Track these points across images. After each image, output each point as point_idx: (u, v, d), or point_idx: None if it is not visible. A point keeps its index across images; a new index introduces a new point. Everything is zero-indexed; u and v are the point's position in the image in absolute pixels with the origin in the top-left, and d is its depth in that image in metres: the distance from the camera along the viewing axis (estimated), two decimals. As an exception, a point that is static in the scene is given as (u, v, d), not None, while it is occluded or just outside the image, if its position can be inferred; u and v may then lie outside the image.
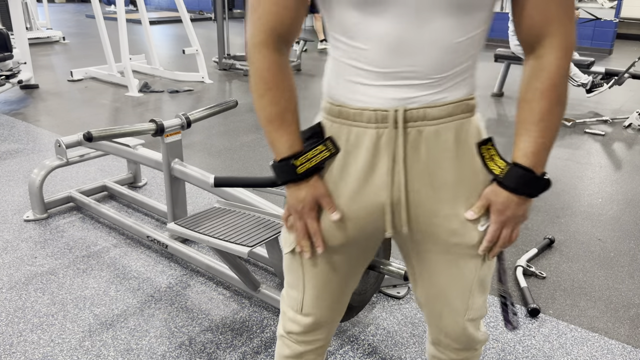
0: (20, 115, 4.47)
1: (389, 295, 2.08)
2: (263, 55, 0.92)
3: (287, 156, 0.96)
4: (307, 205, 0.99)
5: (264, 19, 0.90)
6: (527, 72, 0.92)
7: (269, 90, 0.94)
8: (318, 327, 1.16)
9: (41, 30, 8.31)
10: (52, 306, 2.01)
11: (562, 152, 3.78)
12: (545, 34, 0.88)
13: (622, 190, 3.14)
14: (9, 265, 2.27)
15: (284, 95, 0.94)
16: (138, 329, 1.89)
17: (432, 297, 1.10)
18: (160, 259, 2.34)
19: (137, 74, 6.06)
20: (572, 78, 4.76)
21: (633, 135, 4.21)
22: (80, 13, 12.80)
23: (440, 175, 0.94)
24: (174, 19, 11.44)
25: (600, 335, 1.90)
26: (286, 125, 0.96)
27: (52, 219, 2.68)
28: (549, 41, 0.89)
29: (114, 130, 2.18)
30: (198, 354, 1.78)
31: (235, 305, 2.03)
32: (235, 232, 1.82)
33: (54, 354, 1.77)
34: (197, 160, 3.52)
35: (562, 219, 2.76)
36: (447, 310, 1.08)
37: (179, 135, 2.38)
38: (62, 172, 3.24)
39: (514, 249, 2.45)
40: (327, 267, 1.07)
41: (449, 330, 1.10)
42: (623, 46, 8.65)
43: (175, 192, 2.44)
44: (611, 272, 2.29)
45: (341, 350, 1.80)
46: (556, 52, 0.88)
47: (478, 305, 1.07)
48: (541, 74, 0.89)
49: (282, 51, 0.93)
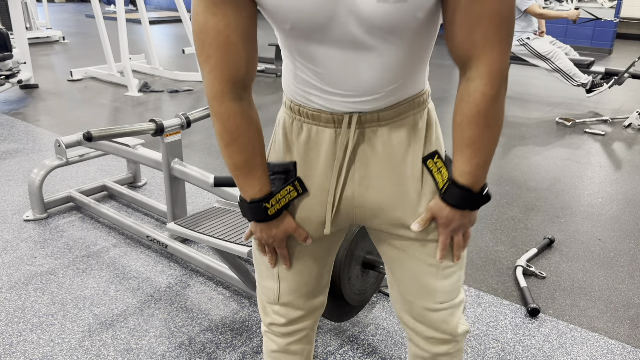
0: (20, 115, 4.47)
1: (389, 295, 2.08)
2: (225, 107, 0.93)
3: (257, 199, 0.99)
4: (277, 240, 1.04)
5: (217, 70, 0.89)
6: (459, 93, 0.91)
7: (234, 141, 0.96)
8: (298, 314, 1.16)
9: (41, 30, 8.31)
10: (52, 306, 2.01)
11: (562, 152, 3.78)
12: (472, 56, 0.86)
13: (622, 190, 3.14)
14: (9, 265, 2.27)
15: (250, 142, 0.96)
16: (138, 329, 1.89)
17: (400, 285, 1.12)
18: (160, 259, 2.34)
19: (137, 74, 6.06)
20: (572, 78, 4.76)
21: (633, 135, 4.21)
22: (80, 13, 12.80)
23: (398, 169, 0.99)
24: (174, 18, 11.44)
25: (601, 335, 1.90)
26: (255, 171, 0.98)
27: (52, 219, 2.68)
28: (475, 65, 0.86)
29: (114, 130, 2.18)
30: (198, 354, 1.78)
31: (235, 305, 2.03)
32: (235, 232, 1.82)
33: (54, 354, 1.77)
34: (197, 160, 3.52)
35: (562, 219, 2.76)
36: (415, 296, 1.08)
37: (179, 135, 2.38)
38: (62, 172, 3.24)
39: (514, 249, 2.46)
40: (299, 256, 1.10)
41: (423, 318, 1.09)
42: (623, 46, 8.65)
43: (175, 192, 2.44)
44: (611, 272, 2.29)
45: (341, 350, 1.80)
46: (482, 79, 0.86)
47: (447, 288, 1.06)
48: (468, 99, 0.88)
49: (242, 97, 0.93)
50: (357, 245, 1.65)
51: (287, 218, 1.03)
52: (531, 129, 4.29)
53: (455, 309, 1.09)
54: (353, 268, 1.66)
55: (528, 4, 4.63)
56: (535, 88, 5.65)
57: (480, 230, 2.63)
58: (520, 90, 5.55)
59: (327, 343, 1.83)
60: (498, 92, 0.87)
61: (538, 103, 5.09)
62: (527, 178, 3.29)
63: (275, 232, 1.03)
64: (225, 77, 0.90)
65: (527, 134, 4.16)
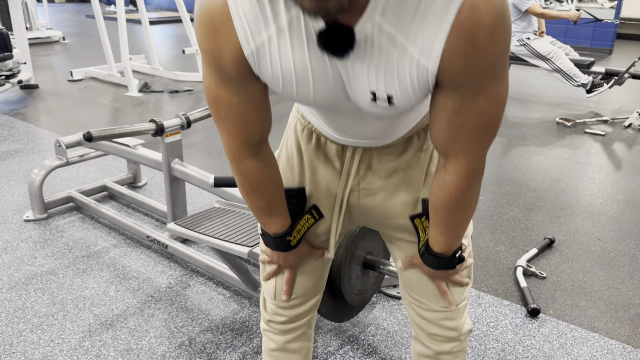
0: (20, 115, 4.47)
1: (389, 295, 2.08)
2: (244, 165, 0.96)
3: (280, 233, 1.05)
4: (292, 264, 1.11)
5: (234, 134, 0.92)
6: (436, 175, 0.95)
7: (255, 190, 1.00)
8: (297, 312, 1.19)
9: (41, 30, 8.30)
10: (52, 306, 2.01)
11: (562, 152, 3.78)
12: (451, 155, 0.89)
13: (622, 190, 3.14)
14: (9, 266, 2.27)
15: (269, 189, 1.01)
16: (138, 329, 1.89)
17: (411, 284, 1.14)
18: (160, 259, 2.34)
19: (137, 74, 6.05)
20: (572, 78, 4.76)
21: (633, 135, 4.21)
22: (80, 13, 12.80)
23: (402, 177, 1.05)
24: (174, 19, 11.44)
25: (601, 335, 1.90)
26: (275, 211, 1.03)
27: (52, 219, 2.68)
28: (452, 162, 0.89)
29: (113, 130, 2.18)
30: (198, 354, 1.77)
31: (235, 306, 2.03)
32: (235, 232, 1.82)
33: (54, 354, 1.77)
34: (197, 160, 3.52)
35: (562, 219, 2.76)
36: (425, 296, 1.11)
37: (178, 135, 2.38)
38: (62, 172, 3.24)
39: (514, 249, 2.45)
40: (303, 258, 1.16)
41: (430, 315, 1.12)
42: (623, 46, 8.65)
43: (175, 192, 2.44)
44: (611, 272, 2.29)
45: (341, 351, 1.80)
46: (457, 175, 0.89)
47: (457, 292, 1.10)
48: (444, 187, 0.92)
49: (259, 152, 0.97)
50: (357, 245, 1.65)
51: (304, 245, 1.10)
52: (531, 129, 4.29)
53: (461, 308, 1.12)
54: (353, 268, 1.66)
55: (528, 3, 4.62)
56: (535, 88, 5.65)
57: (480, 230, 2.63)
58: (520, 90, 5.55)
59: (327, 343, 1.83)
60: (472, 185, 0.91)
61: (538, 103, 5.09)
62: (527, 178, 3.29)
63: (293, 258, 1.10)
64: (242, 140, 0.93)
65: (527, 134, 4.15)
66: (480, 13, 0.70)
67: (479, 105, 0.80)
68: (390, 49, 0.75)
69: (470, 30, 0.71)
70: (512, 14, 4.74)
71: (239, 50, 0.79)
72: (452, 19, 0.70)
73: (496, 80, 0.78)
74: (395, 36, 0.74)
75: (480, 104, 0.79)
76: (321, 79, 0.81)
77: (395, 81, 0.78)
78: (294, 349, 1.21)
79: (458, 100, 0.79)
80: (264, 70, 0.81)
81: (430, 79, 0.77)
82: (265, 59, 0.80)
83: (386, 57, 0.75)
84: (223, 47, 0.80)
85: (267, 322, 1.21)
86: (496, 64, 0.76)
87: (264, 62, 0.80)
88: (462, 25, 0.71)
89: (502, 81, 0.79)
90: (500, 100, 0.81)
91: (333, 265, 1.59)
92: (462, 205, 0.93)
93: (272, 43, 0.78)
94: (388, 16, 0.72)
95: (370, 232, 1.69)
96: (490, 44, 0.73)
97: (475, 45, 0.72)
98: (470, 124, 0.82)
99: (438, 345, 1.13)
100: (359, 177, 1.05)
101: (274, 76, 0.81)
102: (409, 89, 0.78)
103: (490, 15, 0.70)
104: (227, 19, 0.77)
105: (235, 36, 0.78)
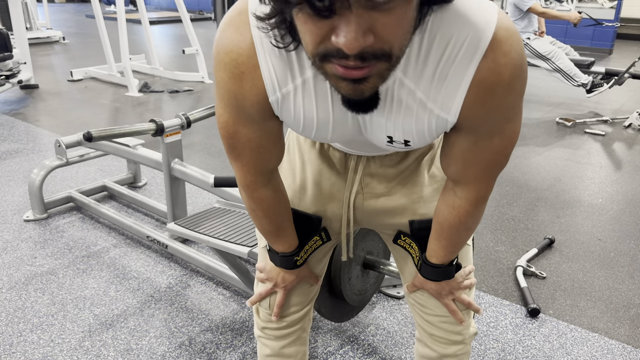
0: (20, 115, 4.47)
1: (389, 295, 2.08)
2: (257, 193, 0.98)
3: (288, 253, 1.07)
4: (290, 285, 1.12)
5: (250, 165, 0.93)
6: (445, 196, 0.97)
7: (266, 216, 1.02)
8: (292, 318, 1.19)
9: (41, 30, 8.30)
10: (52, 306, 2.01)
11: (563, 152, 3.78)
12: (461, 183, 0.91)
13: (623, 191, 3.14)
14: (9, 266, 2.27)
15: (279, 214, 1.02)
16: (138, 329, 1.89)
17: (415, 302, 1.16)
18: (160, 259, 2.34)
19: (137, 74, 6.05)
20: (572, 78, 4.75)
21: (633, 135, 4.21)
22: (80, 13, 12.80)
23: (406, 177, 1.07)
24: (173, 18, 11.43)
25: (601, 335, 1.90)
26: (284, 233, 1.05)
27: (52, 219, 2.68)
28: (463, 189, 0.92)
29: (113, 130, 2.18)
30: (198, 354, 1.77)
31: (235, 306, 2.03)
32: (235, 232, 1.82)
33: (54, 354, 1.76)
34: (197, 160, 3.52)
35: (562, 219, 2.76)
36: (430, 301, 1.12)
37: (179, 135, 2.38)
38: (62, 172, 3.24)
39: (514, 249, 2.45)
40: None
41: (436, 319, 1.12)
42: (623, 46, 8.65)
43: (175, 192, 2.44)
44: (611, 272, 2.29)
45: (341, 351, 1.80)
46: (467, 200, 0.92)
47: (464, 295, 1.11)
48: (453, 210, 0.94)
49: (272, 180, 0.99)
50: (357, 245, 1.64)
51: (305, 266, 1.12)
52: (531, 129, 4.29)
53: (466, 311, 1.12)
54: (353, 268, 1.66)
55: (529, 3, 4.62)
56: (535, 88, 5.65)
57: (480, 230, 2.63)
58: (520, 90, 5.54)
59: (327, 343, 1.83)
60: (480, 208, 0.95)
61: (538, 103, 5.09)
62: (527, 178, 3.29)
63: (294, 278, 1.11)
64: (257, 170, 0.94)
65: (527, 134, 4.15)
66: (500, 67, 0.71)
67: (492, 144, 0.82)
68: (410, 102, 0.76)
69: (489, 84, 0.72)
70: (512, 14, 4.74)
71: (263, 95, 0.80)
72: (471, 77, 0.72)
73: (511, 121, 0.81)
74: (416, 92, 0.75)
75: (494, 143, 0.82)
76: (341, 126, 0.83)
77: (414, 129, 0.79)
78: (289, 354, 1.20)
79: (473, 140, 0.81)
80: (286, 114, 0.82)
81: (448, 127, 0.80)
82: (289, 106, 0.81)
83: (405, 109, 0.77)
84: (248, 91, 0.80)
85: (261, 329, 1.20)
86: (513, 108, 0.78)
87: (286, 108, 0.81)
88: (481, 81, 0.72)
89: (516, 121, 0.82)
90: (513, 138, 0.83)
91: (333, 265, 1.59)
92: (469, 225, 0.97)
93: (297, 93, 0.79)
94: (409, 73, 0.73)
95: (370, 232, 1.69)
96: (508, 94, 0.75)
97: (493, 96, 0.74)
98: (483, 159, 0.84)
99: (443, 348, 1.13)
100: (362, 183, 1.07)
101: (295, 120, 0.83)
102: (426, 135, 0.81)
103: (509, 68, 0.72)
104: (254, 65, 0.77)
105: (261, 82, 0.78)
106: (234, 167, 0.95)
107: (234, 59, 0.77)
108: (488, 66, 0.71)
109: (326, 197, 1.08)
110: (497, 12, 0.71)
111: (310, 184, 1.08)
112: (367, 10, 0.57)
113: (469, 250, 1.13)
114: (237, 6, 0.77)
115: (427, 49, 0.71)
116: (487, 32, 0.69)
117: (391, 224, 1.10)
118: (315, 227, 1.09)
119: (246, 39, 0.75)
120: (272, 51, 0.75)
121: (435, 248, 1.01)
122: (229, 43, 0.77)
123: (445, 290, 1.06)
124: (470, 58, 0.70)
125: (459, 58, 0.70)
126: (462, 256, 1.10)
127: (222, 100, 0.84)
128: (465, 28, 0.69)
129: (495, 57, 0.70)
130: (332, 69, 0.64)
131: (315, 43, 0.62)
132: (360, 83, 0.64)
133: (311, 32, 0.61)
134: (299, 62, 0.76)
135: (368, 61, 0.61)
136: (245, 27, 0.75)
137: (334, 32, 0.59)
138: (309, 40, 0.62)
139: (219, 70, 0.80)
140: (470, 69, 0.71)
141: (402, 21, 0.60)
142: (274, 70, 0.76)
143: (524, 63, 0.74)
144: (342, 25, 0.58)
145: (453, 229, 0.96)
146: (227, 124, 0.87)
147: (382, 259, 1.75)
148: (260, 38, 0.75)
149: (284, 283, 1.11)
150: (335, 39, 0.59)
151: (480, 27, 0.69)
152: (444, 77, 0.72)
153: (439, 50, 0.71)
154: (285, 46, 0.71)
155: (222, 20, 0.79)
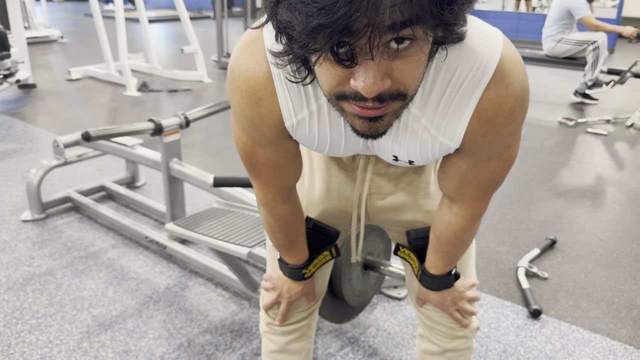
0: (18, 115, 4.45)
1: (390, 296, 2.07)
2: (277, 210, 1.00)
3: (298, 265, 1.10)
4: (294, 296, 1.14)
5: (270, 183, 0.95)
6: (441, 212, 1.00)
7: (280, 231, 1.04)
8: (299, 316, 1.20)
9: (39, 29, 8.27)
10: (50, 307, 1.99)
11: (564, 151, 3.77)
12: (457, 201, 0.94)
13: (625, 190, 3.12)
14: (7, 266, 2.25)
15: (295, 228, 1.05)
16: (136, 330, 1.87)
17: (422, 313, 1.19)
18: (159, 260, 2.32)
19: (135, 73, 6.03)
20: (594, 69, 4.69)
21: (635, 134, 4.20)
22: (78, 12, 12.78)
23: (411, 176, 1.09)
24: (172, 17, 11.41)
25: (603, 336, 1.88)
26: (296, 247, 1.08)
27: (50, 219, 2.66)
28: (459, 206, 0.95)
29: (112, 130, 2.16)
30: (197, 355, 1.76)
31: (235, 307, 2.01)
32: (234, 232, 1.80)
33: (52, 355, 1.75)
34: (196, 160, 3.50)
35: (564, 219, 2.75)
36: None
37: (177, 134, 2.36)
38: (60, 172, 3.22)
39: (516, 249, 2.44)
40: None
41: (439, 314, 1.15)
42: (625, 45, 8.64)
43: (174, 192, 2.42)
44: (613, 273, 2.27)
45: (341, 352, 1.78)
46: (463, 217, 0.95)
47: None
48: (449, 226, 0.98)
49: (290, 197, 1.01)
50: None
51: (311, 281, 1.15)
52: (533, 128, 4.28)
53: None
54: (353, 269, 1.65)
55: (584, 13, 4.49)
56: (537, 87, 5.63)
57: (482, 230, 2.61)
58: (521, 89, 5.54)
59: (327, 344, 1.82)
60: (476, 225, 0.98)
61: (540, 102, 5.08)
62: (529, 178, 3.27)
63: (300, 290, 1.13)
64: (276, 188, 0.97)
65: (528, 134, 4.14)
66: (501, 98, 0.73)
67: (490, 166, 0.84)
68: (415, 128, 0.79)
69: (491, 115, 0.74)
70: (559, 17, 4.63)
71: (280, 120, 0.82)
72: (474, 107, 0.74)
73: (509, 146, 0.83)
74: (421, 119, 0.77)
75: (492, 165, 0.84)
76: (352, 145, 0.87)
77: (418, 152, 0.82)
78: (294, 349, 1.21)
79: (472, 162, 0.84)
80: (300, 136, 0.85)
81: (451, 151, 0.83)
82: (304, 130, 0.83)
83: (411, 133, 0.80)
84: (265, 116, 0.82)
85: (267, 324, 1.22)
86: (512, 135, 0.80)
87: (301, 131, 0.83)
88: (483, 112, 0.74)
89: (514, 146, 0.84)
90: (511, 161, 0.85)
91: (334, 266, 1.57)
92: (465, 240, 0.99)
93: (313, 118, 0.81)
94: (416, 101, 0.76)
95: (370, 233, 1.68)
96: (509, 124, 0.76)
97: (495, 126, 0.76)
98: (480, 179, 0.87)
99: (445, 342, 1.15)
100: (370, 182, 1.09)
101: (309, 140, 0.85)
102: (430, 157, 0.84)
103: (511, 100, 0.74)
104: (271, 92, 0.78)
105: (277, 108, 0.80)
106: (254, 185, 0.98)
107: (252, 86, 0.79)
108: (490, 98, 0.73)
109: (335, 195, 1.10)
110: (501, 41, 0.73)
111: (318, 182, 1.10)
112: (386, 58, 0.58)
113: (469, 262, 1.16)
114: (252, 33, 0.78)
115: (433, 79, 0.73)
116: (491, 63, 0.71)
117: (398, 221, 1.12)
118: (332, 239, 1.13)
119: (262, 67, 0.77)
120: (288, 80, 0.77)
121: (433, 259, 1.05)
122: (246, 71, 0.78)
123: (448, 300, 1.09)
124: (474, 89, 0.72)
125: (462, 89, 0.72)
126: (464, 270, 1.14)
127: (239, 123, 0.86)
128: (470, 59, 0.71)
129: (497, 89, 0.72)
130: (349, 107, 0.65)
131: (332, 85, 0.64)
132: (376, 121, 0.66)
133: (330, 75, 0.62)
134: (314, 90, 0.78)
135: (385, 102, 0.63)
136: (260, 54, 0.76)
137: (352, 76, 0.61)
138: (326, 82, 0.64)
139: (235, 96, 0.81)
140: (473, 99, 0.73)
141: (417, 65, 0.62)
142: (289, 97, 0.78)
143: (525, 93, 0.75)
144: (361, 71, 0.59)
145: (450, 243, 1.00)
146: (245, 146, 0.89)
147: (382, 259, 1.74)
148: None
149: (288, 294, 1.13)
150: (354, 82, 0.60)
151: (484, 59, 0.71)
152: (448, 107, 0.75)
153: (445, 81, 0.73)
154: (300, 80, 0.72)
155: (237, 46, 0.80)
